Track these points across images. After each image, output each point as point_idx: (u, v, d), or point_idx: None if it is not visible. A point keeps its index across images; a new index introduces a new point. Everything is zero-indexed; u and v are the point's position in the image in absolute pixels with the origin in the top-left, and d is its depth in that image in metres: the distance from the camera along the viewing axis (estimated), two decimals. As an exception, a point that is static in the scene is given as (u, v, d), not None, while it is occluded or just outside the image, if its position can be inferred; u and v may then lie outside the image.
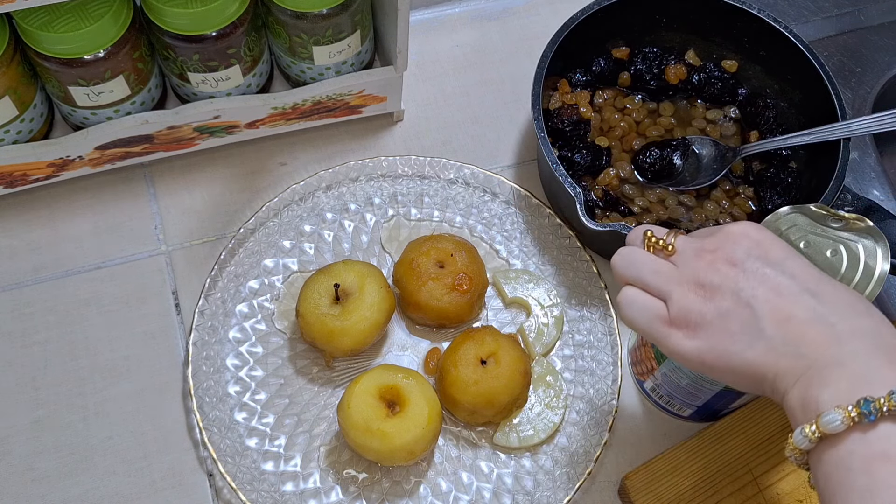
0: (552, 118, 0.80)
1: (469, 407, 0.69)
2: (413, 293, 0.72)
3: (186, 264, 0.79)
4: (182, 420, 0.73)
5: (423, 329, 0.76)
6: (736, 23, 0.81)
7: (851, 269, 0.59)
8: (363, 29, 0.76)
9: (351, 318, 0.69)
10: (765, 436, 0.70)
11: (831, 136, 0.74)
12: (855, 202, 0.73)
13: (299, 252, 0.78)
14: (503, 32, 0.92)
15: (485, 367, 0.69)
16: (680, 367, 0.66)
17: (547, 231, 0.79)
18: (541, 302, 0.76)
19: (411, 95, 0.87)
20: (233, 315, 0.75)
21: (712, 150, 0.80)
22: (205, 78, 0.74)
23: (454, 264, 0.72)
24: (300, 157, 0.84)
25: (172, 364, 0.75)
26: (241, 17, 0.71)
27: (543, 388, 0.72)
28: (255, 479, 0.69)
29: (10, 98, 0.70)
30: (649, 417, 0.74)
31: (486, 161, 0.84)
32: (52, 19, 0.67)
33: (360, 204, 0.80)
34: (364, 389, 0.67)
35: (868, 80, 0.90)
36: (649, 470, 0.69)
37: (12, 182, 0.77)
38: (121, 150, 0.77)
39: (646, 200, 0.79)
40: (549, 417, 0.71)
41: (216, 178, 0.82)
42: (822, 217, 0.62)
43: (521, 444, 0.71)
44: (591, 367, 0.74)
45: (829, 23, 0.94)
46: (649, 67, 0.83)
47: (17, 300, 0.76)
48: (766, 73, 0.82)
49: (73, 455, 0.71)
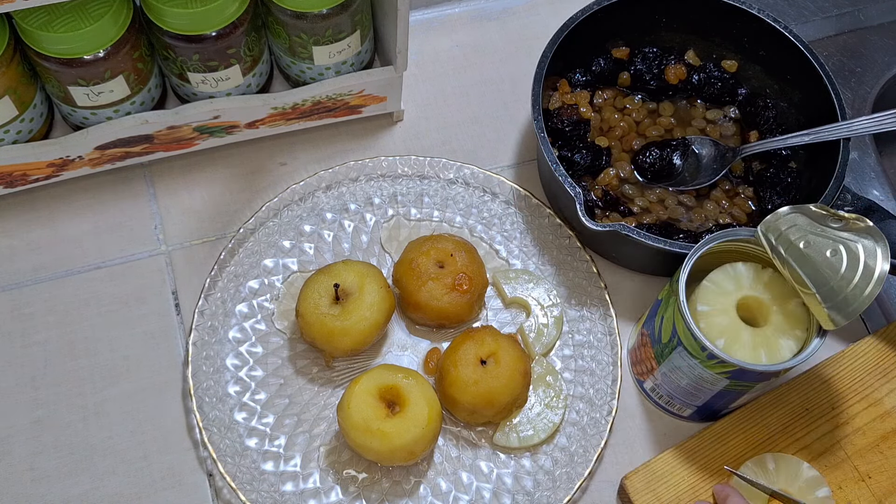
0: (552, 118, 0.80)
1: (469, 407, 0.69)
2: (413, 293, 0.72)
3: (186, 264, 0.79)
4: (182, 420, 0.73)
5: (423, 329, 0.76)
6: (736, 23, 0.81)
7: (851, 269, 0.59)
8: (363, 29, 0.76)
9: (351, 318, 0.69)
10: (764, 436, 0.70)
11: (831, 136, 0.73)
12: (855, 202, 0.73)
13: (299, 252, 0.78)
14: (503, 32, 0.92)
15: (485, 367, 0.69)
16: (680, 367, 0.66)
17: (547, 231, 0.79)
18: (540, 302, 0.76)
19: (411, 95, 0.87)
20: (233, 315, 0.75)
21: (712, 150, 0.80)
22: (205, 78, 0.74)
23: (454, 264, 0.73)
24: (300, 157, 0.84)
25: (172, 364, 0.75)
26: (241, 17, 0.71)
27: (543, 388, 0.72)
28: (255, 479, 0.69)
29: (9, 98, 0.70)
30: (649, 417, 0.74)
31: (485, 161, 0.84)
32: (52, 19, 0.67)
33: (360, 204, 0.80)
34: (364, 389, 0.67)
35: (868, 80, 0.90)
36: (649, 470, 0.69)
37: (12, 182, 0.77)
38: (121, 150, 0.77)
39: (646, 200, 0.79)
40: (549, 417, 0.71)
41: (216, 178, 0.82)
42: (821, 217, 0.62)
43: (521, 444, 0.71)
44: (590, 367, 0.74)
45: (828, 23, 0.94)
46: (649, 67, 0.83)
47: (17, 300, 0.76)
48: (765, 73, 0.82)
49: (73, 455, 0.71)
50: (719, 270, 0.66)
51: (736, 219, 0.78)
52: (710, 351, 0.62)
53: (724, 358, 0.61)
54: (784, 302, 0.64)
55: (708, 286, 0.65)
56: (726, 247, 0.66)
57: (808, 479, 0.67)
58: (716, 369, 0.63)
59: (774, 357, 0.63)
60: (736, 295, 0.65)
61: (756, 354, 0.63)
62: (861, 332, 0.78)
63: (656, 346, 0.69)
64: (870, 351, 0.74)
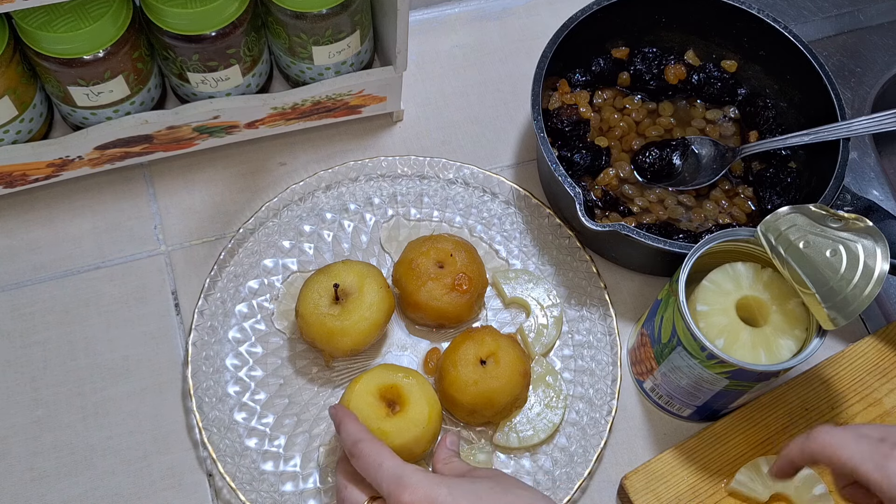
0: (552, 118, 0.80)
1: (468, 407, 0.69)
2: (413, 293, 0.72)
3: (186, 264, 0.79)
4: (182, 420, 0.73)
5: (423, 329, 0.76)
6: (735, 23, 0.81)
7: (851, 269, 0.59)
8: (363, 29, 0.76)
9: (351, 318, 0.69)
10: (764, 436, 0.70)
11: (831, 136, 0.74)
12: (854, 202, 0.73)
13: (299, 252, 0.78)
14: (503, 32, 0.92)
15: (484, 367, 0.69)
16: (679, 367, 0.66)
17: (546, 231, 0.79)
18: (540, 302, 0.76)
19: (411, 95, 0.87)
20: (232, 315, 0.75)
21: (712, 150, 0.80)
22: (204, 78, 0.74)
23: (454, 264, 0.72)
24: (300, 157, 0.84)
25: (172, 364, 0.75)
26: (241, 17, 0.71)
27: (543, 388, 0.72)
28: (255, 479, 0.69)
29: (9, 98, 0.70)
30: (649, 417, 0.74)
31: (485, 161, 0.84)
32: (52, 19, 0.67)
33: (360, 204, 0.80)
34: (364, 389, 0.66)
35: (868, 80, 0.90)
36: (649, 470, 0.69)
37: (12, 182, 0.77)
38: (120, 150, 0.77)
39: (645, 200, 0.79)
40: (548, 417, 0.71)
41: (216, 178, 0.82)
42: (821, 217, 0.62)
43: (520, 444, 0.71)
44: (590, 367, 0.74)
45: (828, 23, 0.94)
46: (649, 67, 0.83)
47: (17, 300, 0.76)
48: (765, 73, 0.82)
49: (72, 455, 0.71)
50: (719, 270, 0.66)
51: (735, 219, 0.78)
52: (709, 351, 0.62)
53: (724, 358, 0.61)
54: (784, 302, 0.64)
55: (708, 286, 0.65)
56: (726, 247, 0.66)
57: (804, 478, 0.67)
58: (715, 369, 0.63)
59: (774, 357, 0.63)
60: (735, 295, 0.65)
61: (756, 354, 0.63)
62: (861, 332, 0.78)
63: (656, 346, 0.69)
64: (869, 351, 0.74)
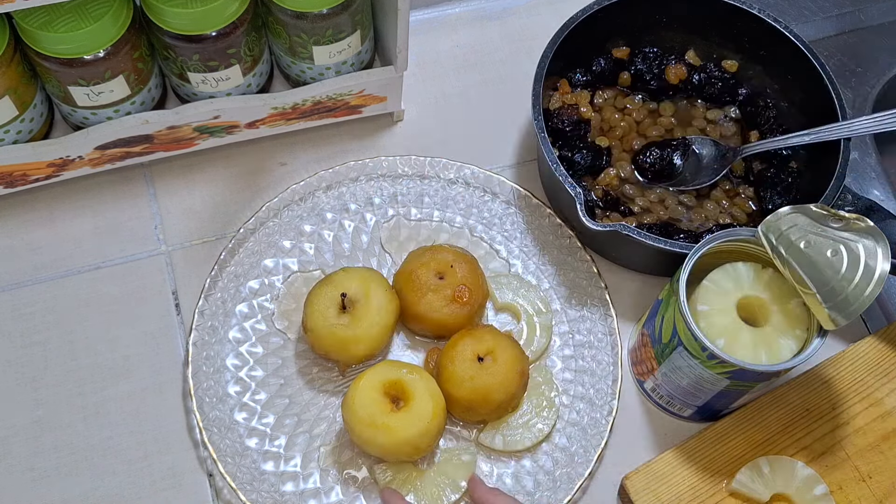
0: (552, 118, 0.80)
1: (464, 403, 0.68)
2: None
3: (186, 264, 0.79)
4: (182, 420, 0.73)
5: (423, 341, 0.75)
6: (736, 23, 0.81)
7: (852, 269, 0.59)
8: (363, 29, 0.76)
9: (362, 324, 0.69)
10: (764, 436, 0.70)
11: (831, 136, 0.73)
12: (855, 202, 0.73)
13: (299, 252, 0.78)
14: (503, 32, 0.92)
15: (481, 363, 0.68)
16: (680, 367, 0.66)
17: (547, 231, 0.79)
18: (529, 309, 0.75)
19: (411, 95, 0.87)
20: (233, 315, 0.75)
21: (712, 150, 0.80)
22: (205, 78, 0.74)
23: (454, 276, 0.72)
24: (300, 156, 0.84)
25: (172, 364, 0.75)
26: (241, 17, 0.71)
27: (537, 398, 0.72)
28: (255, 479, 0.69)
29: (10, 98, 0.70)
30: (649, 417, 0.74)
31: (486, 161, 0.84)
32: (52, 19, 0.67)
33: (360, 204, 0.80)
34: (369, 385, 0.66)
35: (868, 80, 0.90)
36: (649, 470, 0.69)
37: (12, 182, 0.77)
38: (121, 150, 0.77)
39: (646, 200, 0.79)
40: (538, 426, 0.71)
41: (216, 178, 0.82)
42: (822, 217, 0.62)
43: (504, 448, 0.70)
44: (591, 367, 0.74)
45: (829, 23, 0.94)
46: (649, 67, 0.83)
47: (17, 300, 0.76)
48: (766, 73, 0.82)
49: (73, 455, 0.71)
50: (719, 270, 0.65)
51: (736, 219, 0.78)
52: (710, 351, 0.62)
53: (725, 358, 0.61)
54: (784, 302, 0.64)
55: (708, 286, 0.65)
56: (727, 247, 0.66)
57: (805, 478, 0.67)
58: (716, 369, 0.63)
59: (775, 357, 0.63)
60: (736, 295, 0.65)
61: (756, 354, 0.63)
62: (861, 332, 0.78)
63: (657, 346, 0.69)
64: (870, 351, 0.74)
